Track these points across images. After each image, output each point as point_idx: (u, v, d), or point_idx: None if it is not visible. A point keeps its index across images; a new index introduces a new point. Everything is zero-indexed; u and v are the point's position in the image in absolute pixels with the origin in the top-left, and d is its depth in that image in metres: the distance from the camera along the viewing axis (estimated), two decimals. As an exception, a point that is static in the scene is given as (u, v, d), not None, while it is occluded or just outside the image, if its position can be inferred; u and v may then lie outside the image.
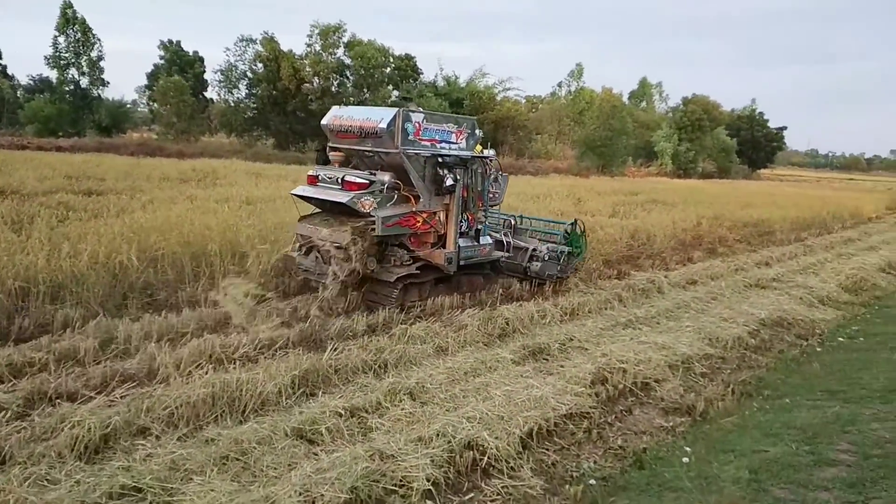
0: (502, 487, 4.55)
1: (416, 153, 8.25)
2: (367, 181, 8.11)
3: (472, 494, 4.47)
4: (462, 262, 9.00)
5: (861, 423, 5.42)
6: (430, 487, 4.31)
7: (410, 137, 8.16)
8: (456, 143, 8.80)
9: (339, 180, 8.23)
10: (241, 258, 9.12)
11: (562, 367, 6.87)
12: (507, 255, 9.97)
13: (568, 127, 52.14)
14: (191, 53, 41.67)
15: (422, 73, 46.36)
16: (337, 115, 8.74)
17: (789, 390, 6.73)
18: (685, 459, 4.96)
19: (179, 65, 40.83)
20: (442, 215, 8.80)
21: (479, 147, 9.33)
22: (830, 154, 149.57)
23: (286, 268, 9.34)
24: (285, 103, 38.11)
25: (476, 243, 9.20)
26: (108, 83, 43.49)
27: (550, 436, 5.40)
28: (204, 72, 41.75)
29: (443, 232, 8.86)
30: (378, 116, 8.16)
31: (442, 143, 8.60)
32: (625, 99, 62.13)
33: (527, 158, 44.45)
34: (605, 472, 4.92)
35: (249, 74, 39.30)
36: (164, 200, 13.58)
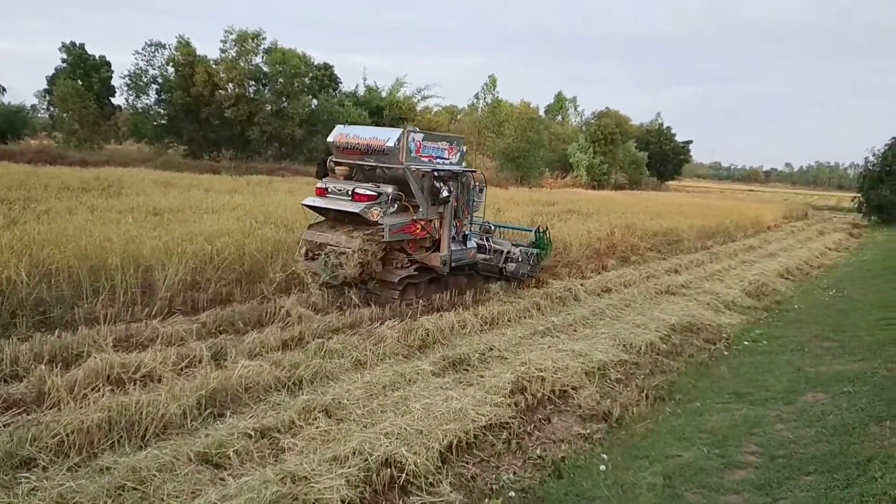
0: (421, 505, 4.42)
1: (417, 168, 9.25)
2: (375, 193, 8.97)
3: (389, 514, 4.32)
4: (453, 264, 9.95)
5: (766, 424, 5.63)
6: (346, 509, 4.13)
7: (413, 154, 9.22)
8: (448, 159, 9.97)
9: (350, 192, 9.08)
10: (144, 272, 8.59)
11: (482, 377, 6.82)
12: (487, 257, 10.96)
13: (488, 139, 52.88)
14: (96, 57, 39.46)
15: (341, 83, 45.93)
16: (343, 134, 9.70)
17: (700, 394, 6.94)
18: (602, 467, 4.99)
19: (84, 69, 38.54)
20: (436, 223, 9.75)
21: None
22: (732, 167, 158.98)
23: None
24: (198, 110, 36.69)
25: (464, 247, 10.33)
26: (4, 88, 40.76)
27: (470, 448, 5.32)
28: (111, 77, 39.57)
29: (437, 237, 9.79)
30: (385, 136, 9.26)
31: (437, 159, 9.73)
32: (541, 112, 63.75)
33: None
34: (524, 484, 4.87)
35: (160, 80, 37.59)
36: (62, 211, 12.67)
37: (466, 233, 10.42)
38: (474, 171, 10.77)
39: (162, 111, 38.14)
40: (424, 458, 4.81)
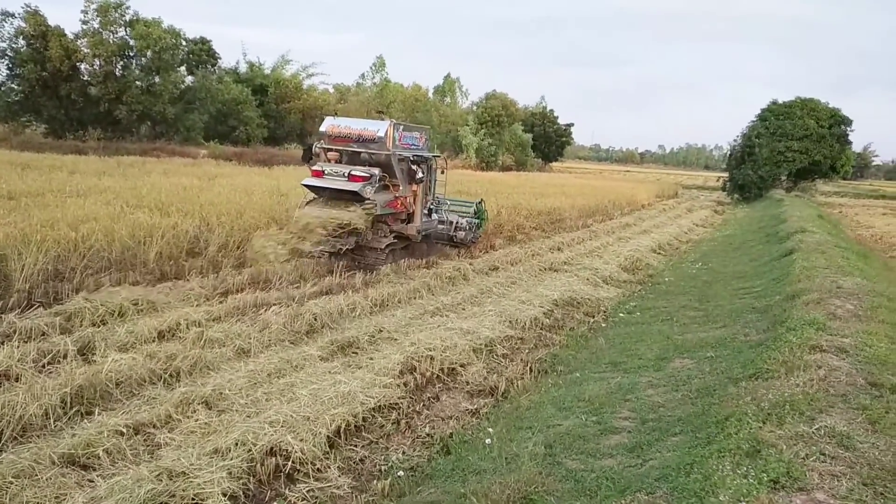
0: (308, 491, 4.36)
1: (400, 154, 11.10)
2: (368, 175, 10.57)
3: (275, 503, 4.21)
4: (423, 233, 12.12)
5: (639, 390, 6.00)
6: (228, 502, 3.99)
7: (396, 143, 11.06)
8: (420, 146, 11.99)
9: (346, 174, 10.55)
10: (-3, 262, 7.82)
11: (371, 359, 6.79)
12: (444, 227, 12.82)
13: (378, 119, 52.39)
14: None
15: (220, 58, 43.76)
16: (335, 124, 11.34)
17: (579, 365, 7.29)
18: (488, 441, 5.13)
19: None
20: (411, 199, 11.68)
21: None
22: (611, 148, 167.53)
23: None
24: (57, 86, 33.56)
25: (430, 219, 12.37)
26: None
27: (359, 431, 5.30)
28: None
29: (411, 211, 11.76)
30: (375, 127, 11.06)
31: (413, 146, 11.67)
32: (430, 94, 63.93)
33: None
34: (413, 462, 4.92)
35: (9, 53, 33.93)
36: None
37: (431, 207, 12.40)
38: (438, 156, 13.03)
39: (15, 87, 34.57)
40: (311, 444, 4.74)
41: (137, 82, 34.26)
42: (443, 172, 13.01)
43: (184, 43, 38.10)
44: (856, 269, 10.83)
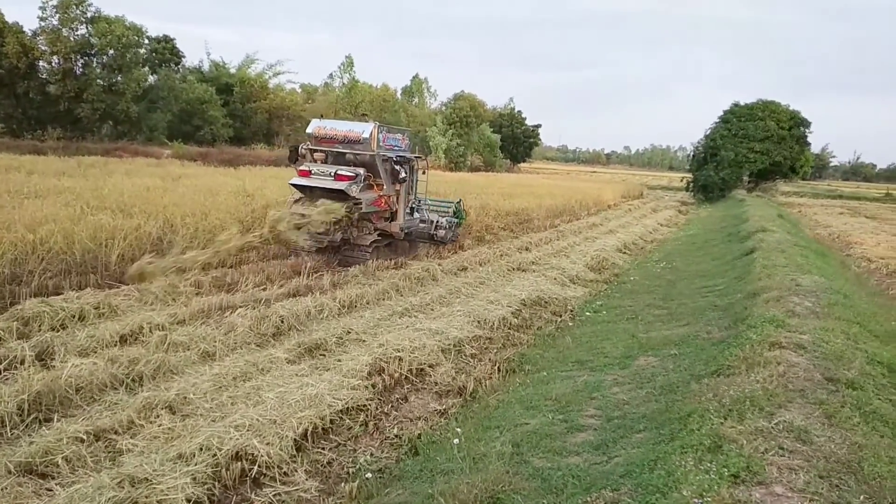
0: (275, 495, 4.32)
1: (384, 155, 11.53)
2: (354, 174, 10.88)
3: (241, 508, 4.17)
4: (406, 231, 12.46)
5: (605, 388, 6.08)
6: (192, 508, 3.93)
7: (381, 144, 11.49)
8: (402, 147, 12.44)
9: (333, 174, 10.89)
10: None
11: (339, 361, 6.75)
12: (425, 225, 13.23)
13: (346, 119, 52.12)
14: None
15: (183, 57, 43.06)
16: (321, 126, 11.75)
17: (547, 364, 7.35)
18: (456, 441, 5.14)
19: None
20: (394, 198, 12.02)
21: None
22: (578, 149, 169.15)
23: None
24: (13, 84, 32.60)
25: (412, 218, 12.75)
26: None
27: (326, 434, 5.27)
28: None
29: (394, 210, 12.11)
30: (360, 128, 11.46)
31: (395, 147, 12.12)
32: (398, 94, 63.83)
33: (304, 151, 43.39)
34: (381, 464, 4.91)
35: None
36: None
37: (413, 206, 12.84)
38: (420, 157, 13.47)
39: (-31, 85, 33.49)
40: (278, 447, 4.69)
41: (99, 80, 33.48)
42: (424, 173, 13.51)
43: (146, 41, 37.37)
44: (814, 268, 11.14)
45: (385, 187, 11.65)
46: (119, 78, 34.59)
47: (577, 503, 3.76)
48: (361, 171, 11.10)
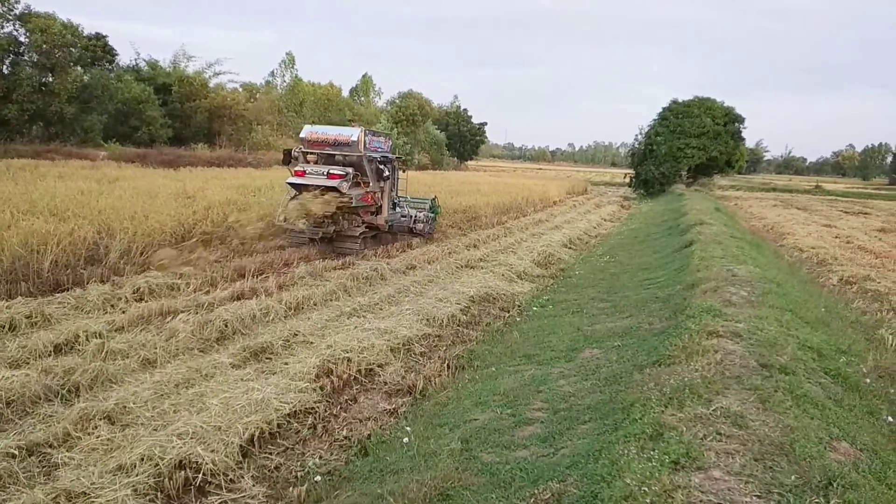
0: (221, 503, 4.22)
1: (370, 156, 13.06)
2: (344, 173, 12.32)
3: (185, 518, 4.07)
4: (389, 224, 14.04)
5: (551, 381, 6.18)
6: (133, 521, 3.81)
7: (367, 146, 12.98)
8: (385, 149, 14.11)
9: (325, 173, 12.30)
10: None
11: (286, 364, 6.66)
12: (406, 219, 14.83)
13: (289, 118, 51.28)
14: None
15: (117, 55, 41.55)
16: (313, 131, 13.19)
17: (495, 359, 7.42)
18: (406, 440, 5.14)
19: None
20: (379, 194, 13.60)
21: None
22: (524, 147, 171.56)
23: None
24: (-68, 84, 30.85)
25: (394, 212, 14.45)
26: None
27: (274, 438, 5.19)
28: None
29: (380, 205, 13.69)
30: (349, 132, 12.93)
31: (379, 149, 13.74)
32: (346, 93, 63.26)
33: (247, 150, 42.49)
34: (330, 467, 4.87)
35: None
36: None
37: (395, 201, 14.49)
38: (401, 158, 15.35)
39: None
40: (223, 454, 4.59)
41: (29, 80, 31.95)
42: (404, 172, 15.28)
43: (78, 39, 35.88)
44: (749, 258, 11.57)
45: (371, 184, 13.16)
46: (51, 78, 33.12)
47: (524, 496, 3.82)
48: (350, 170, 12.51)
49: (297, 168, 12.64)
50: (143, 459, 4.37)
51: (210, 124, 44.14)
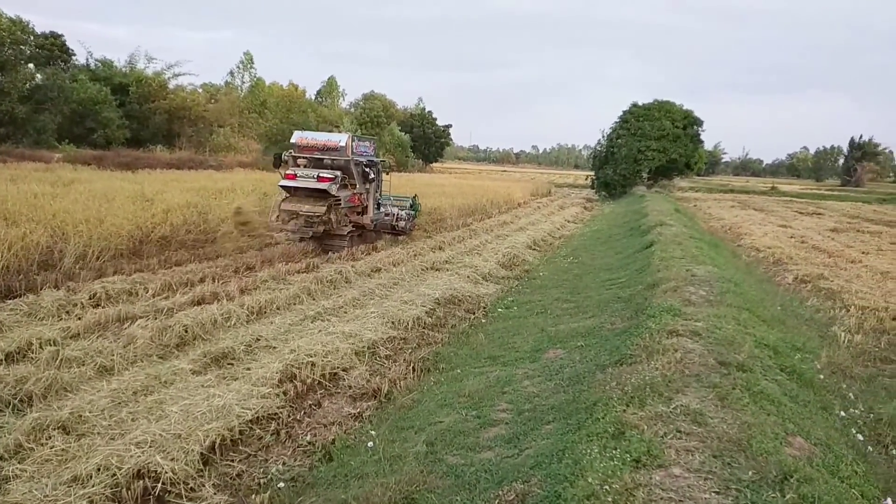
0: (181, 513, 4.13)
1: (356, 160, 13.89)
2: (333, 176, 13.09)
3: (144, 529, 3.97)
4: (374, 223, 15.02)
5: (516, 382, 6.21)
6: (89, 533, 3.70)
7: (354, 151, 13.82)
8: (370, 153, 14.98)
9: (315, 176, 13.07)
10: None
11: (248, 370, 6.56)
12: (389, 218, 15.66)
13: (251, 120, 50.60)
14: None
15: (74, 55, 40.49)
16: (303, 137, 13.96)
17: (460, 361, 7.43)
18: (371, 444, 5.11)
19: None
20: (365, 196, 14.48)
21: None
22: (488, 149, 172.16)
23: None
24: None
25: (379, 212, 15.34)
26: None
27: (236, 445, 5.10)
28: None
29: (365, 205, 14.59)
30: (337, 138, 13.87)
31: (365, 153, 14.57)
32: (311, 95, 62.70)
33: (208, 152, 41.78)
34: (294, 473, 4.81)
35: None
36: None
37: (379, 202, 15.37)
38: (384, 161, 16.53)
39: None
40: (183, 462, 4.50)
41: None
42: (388, 174, 16.40)
43: (31, 37, 34.86)
44: (707, 258, 11.84)
45: (357, 186, 14.06)
46: (1, 76, 32.09)
47: (488, 497, 3.83)
48: (338, 173, 13.29)
49: (287, 171, 13.29)
50: (99, 470, 4.25)
51: (169, 126, 43.30)
